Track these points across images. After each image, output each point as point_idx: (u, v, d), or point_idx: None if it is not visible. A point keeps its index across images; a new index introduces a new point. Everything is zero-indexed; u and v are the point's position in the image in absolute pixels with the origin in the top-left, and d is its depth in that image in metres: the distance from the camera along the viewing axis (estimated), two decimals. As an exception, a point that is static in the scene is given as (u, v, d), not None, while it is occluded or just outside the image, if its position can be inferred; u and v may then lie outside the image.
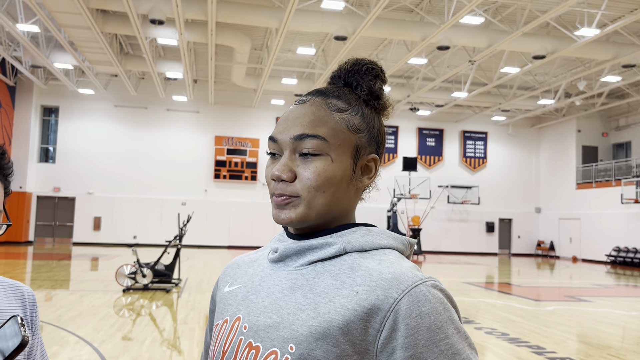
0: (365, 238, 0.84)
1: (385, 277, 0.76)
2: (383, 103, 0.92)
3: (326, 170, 0.83)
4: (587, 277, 16.63)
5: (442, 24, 14.25)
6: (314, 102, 0.87)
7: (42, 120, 24.08)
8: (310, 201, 0.83)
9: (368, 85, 0.90)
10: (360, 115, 0.87)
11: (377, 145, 0.90)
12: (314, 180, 0.82)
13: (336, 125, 0.85)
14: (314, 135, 0.83)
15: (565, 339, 7.02)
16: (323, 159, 0.83)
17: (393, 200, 23.57)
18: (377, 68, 0.91)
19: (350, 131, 0.85)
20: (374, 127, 0.89)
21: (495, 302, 10.28)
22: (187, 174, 24.46)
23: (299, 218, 0.83)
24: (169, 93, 23.92)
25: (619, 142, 26.00)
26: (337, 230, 0.86)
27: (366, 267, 0.79)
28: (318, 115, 0.85)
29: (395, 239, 0.86)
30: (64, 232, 23.66)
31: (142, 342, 6.09)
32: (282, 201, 0.84)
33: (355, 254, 0.82)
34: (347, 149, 0.85)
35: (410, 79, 22.39)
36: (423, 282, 0.76)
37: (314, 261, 0.83)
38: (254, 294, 0.86)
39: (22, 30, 15.52)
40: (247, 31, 17.39)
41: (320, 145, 0.83)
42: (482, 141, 27.84)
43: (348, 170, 0.85)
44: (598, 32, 14.48)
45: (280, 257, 0.86)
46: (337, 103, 0.87)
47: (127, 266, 10.10)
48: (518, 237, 27.88)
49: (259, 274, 0.90)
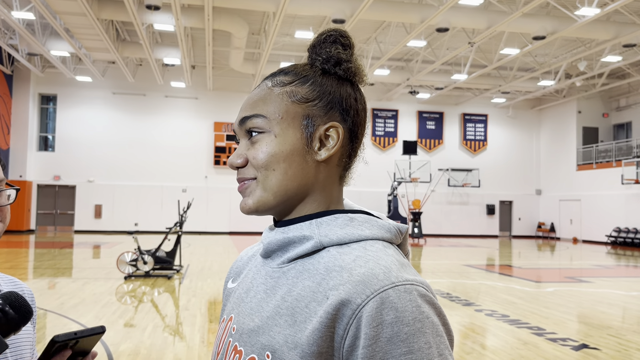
0: (345, 229, 0.78)
1: (354, 280, 0.69)
2: (346, 68, 0.83)
3: (269, 146, 0.79)
4: (588, 258, 16.68)
5: (441, 5, 14.11)
6: (261, 85, 0.84)
7: (41, 109, 24.00)
8: (264, 182, 0.79)
9: (325, 52, 0.83)
10: (310, 84, 0.81)
11: (345, 113, 0.82)
12: (260, 160, 0.79)
13: (276, 99, 0.80)
14: (253, 115, 0.80)
15: (565, 320, 7.05)
16: (265, 136, 0.79)
17: (393, 184, 23.56)
18: (335, 34, 0.83)
19: (295, 102, 0.80)
20: (330, 93, 0.81)
21: (496, 285, 10.32)
22: (187, 160, 24.43)
23: (257, 204, 0.80)
24: (167, 79, 23.80)
25: (619, 123, 25.91)
26: (318, 216, 0.80)
27: (339, 267, 0.73)
28: (261, 95, 0.82)
29: (381, 228, 0.79)
30: (65, 220, 23.71)
31: (144, 329, 6.12)
32: (240, 188, 0.82)
33: (334, 249, 0.76)
34: (294, 120, 0.79)
35: (410, 62, 22.24)
36: (395, 285, 0.68)
37: (294, 258, 0.79)
38: (245, 293, 0.84)
39: (18, 18, 15.38)
40: (244, 15, 17.24)
41: (260, 123, 0.79)
42: (482, 124, 27.75)
43: (298, 143, 0.79)
44: (598, 11, 14.34)
45: (266, 252, 0.84)
46: (282, 78, 0.82)
47: (128, 253, 10.13)
48: (519, 219, 27.92)
49: (252, 270, 0.88)
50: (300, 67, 0.84)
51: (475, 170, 27.17)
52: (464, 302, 8.26)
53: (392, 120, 26.74)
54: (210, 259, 13.98)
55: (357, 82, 0.85)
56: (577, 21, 15.11)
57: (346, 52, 0.83)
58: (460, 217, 27.18)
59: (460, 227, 27.09)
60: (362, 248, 0.75)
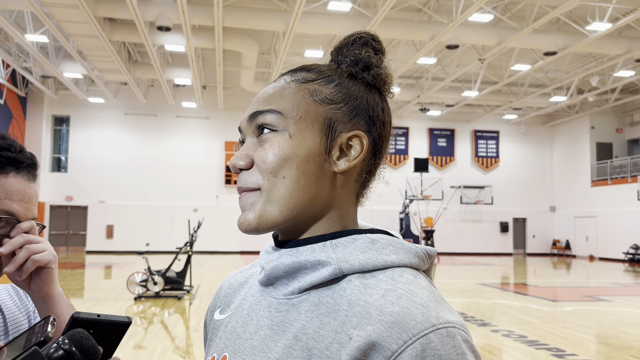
0: (367, 254, 0.66)
1: (387, 320, 0.59)
2: (375, 74, 0.73)
3: (282, 148, 0.67)
4: (605, 276, 16.34)
5: (450, 22, 14.11)
6: (279, 80, 0.73)
7: (54, 130, 24.24)
8: (270, 192, 0.67)
9: (353, 55, 0.73)
10: (336, 85, 0.71)
11: (371, 123, 0.72)
12: (269, 163, 0.67)
13: (296, 94, 0.70)
14: (267, 110, 0.69)
15: (586, 341, 6.84)
16: (279, 134, 0.68)
17: (405, 202, 23.39)
18: (366, 36, 0.74)
19: (317, 102, 0.69)
20: (357, 98, 0.71)
21: (512, 304, 10.09)
22: (198, 180, 24.48)
23: (259, 219, 0.68)
24: (178, 100, 23.98)
25: (633, 138, 25.61)
26: (332, 237, 0.69)
27: (365, 302, 0.61)
28: (278, 90, 0.71)
29: (408, 252, 0.67)
30: (77, 240, 23.77)
31: (152, 351, 6.01)
32: (241, 200, 0.70)
33: (357, 279, 0.64)
34: (313, 122, 0.69)
35: (420, 79, 22.23)
36: (436, 328, 0.58)
37: (307, 288, 0.66)
38: (242, 327, 0.71)
39: (31, 41, 15.61)
40: (255, 35, 17.36)
41: (274, 119, 0.68)
42: (494, 140, 27.57)
43: (315, 148, 0.68)
44: (610, 26, 14.25)
45: (269, 279, 0.70)
46: (304, 75, 0.72)
47: (139, 274, 10.06)
48: (533, 237, 27.54)
49: (249, 299, 0.74)
50: (324, 66, 0.75)
51: (488, 187, 26.92)
52: (479, 322, 8.06)
53: (403, 137, 26.66)
54: (221, 279, 13.87)
55: (385, 91, 0.76)
56: (588, 36, 15.02)
57: (377, 57, 0.74)
58: (474, 234, 26.87)
59: (474, 245, 26.76)
60: (390, 279, 0.64)
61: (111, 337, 0.71)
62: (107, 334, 0.71)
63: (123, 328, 0.71)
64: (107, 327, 0.70)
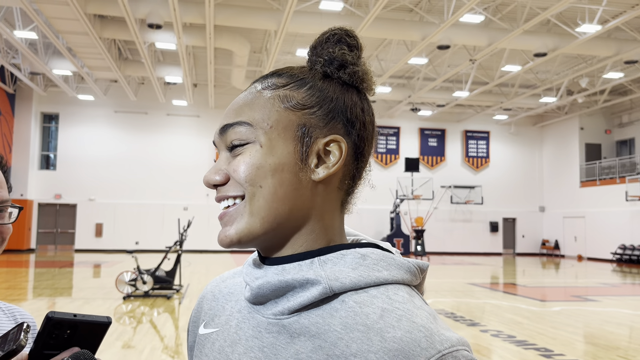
0: (358, 270, 0.63)
1: (389, 348, 0.56)
2: (351, 72, 0.69)
3: (253, 157, 0.64)
4: (593, 276, 16.47)
5: (441, 23, 14.15)
6: (249, 89, 0.70)
7: (42, 127, 24.04)
8: (251, 201, 0.64)
9: (327, 53, 0.69)
10: (308, 89, 0.67)
11: (349, 125, 0.68)
12: (241, 172, 0.64)
13: (266, 104, 0.66)
14: (236, 122, 0.66)
15: (573, 340, 6.89)
16: (250, 146, 0.65)
17: (396, 202, 23.44)
18: (339, 32, 0.69)
19: (290, 109, 0.66)
20: (331, 100, 0.67)
21: (501, 304, 10.15)
22: (189, 178, 24.37)
23: (241, 233, 0.65)
24: (168, 98, 23.86)
25: (622, 139, 25.83)
26: (320, 253, 0.65)
27: (364, 326, 0.58)
28: (247, 100, 0.68)
29: (400, 268, 0.65)
30: (65, 239, 23.59)
31: (141, 351, 5.98)
32: (223, 214, 0.67)
33: (350, 298, 0.62)
34: (285, 130, 0.65)
35: (411, 79, 22.28)
36: (441, 355, 0.56)
37: (297, 308, 0.63)
38: (230, 347, 0.67)
39: (20, 37, 15.46)
40: (246, 34, 17.30)
41: (244, 132, 0.65)
42: (484, 140, 27.70)
43: (289, 156, 0.65)
44: (599, 28, 14.35)
45: (255, 298, 0.67)
46: (274, 81, 0.68)
47: (128, 273, 10.00)
48: (522, 237, 27.71)
49: (236, 315, 0.70)
50: (296, 69, 0.70)
51: (478, 187, 27.05)
52: (468, 322, 8.09)
53: (394, 137, 26.71)
54: (211, 278, 13.81)
55: (365, 89, 0.71)
56: (578, 38, 15.12)
57: (352, 54, 0.69)
58: (464, 234, 26.99)
59: (464, 244, 26.88)
60: (385, 297, 0.61)
61: (90, 338, 0.69)
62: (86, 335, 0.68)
63: (102, 328, 0.69)
64: (85, 328, 0.67)
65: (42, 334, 0.66)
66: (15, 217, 1.07)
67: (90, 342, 0.69)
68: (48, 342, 0.67)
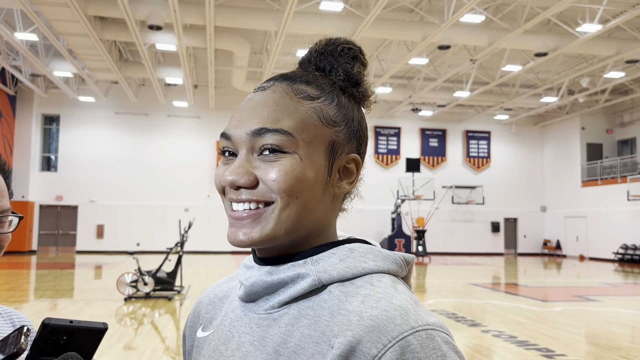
0: (345, 262, 0.66)
1: (365, 324, 0.58)
2: (363, 91, 0.73)
3: (294, 169, 0.64)
4: (595, 276, 16.44)
5: (442, 23, 14.14)
6: (277, 89, 0.69)
7: (43, 129, 24.06)
8: (283, 210, 0.65)
9: (345, 69, 0.72)
10: (336, 105, 0.69)
11: (359, 143, 0.72)
12: (283, 182, 0.64)
13: (305, 116, 0.67)
14: (276, 129, 0.65)
15: (575, 341, 6.87)
16: (289, 157, 0.65)
17: (397, 202, 23.42)
18: (355, 48, 0.73)
19: (324, 124, 0.68)
20: (353, 119, 0.71)
21: (502, 304, 10.13)
22: (189, 179, 24.39)
23: (263, 237, 0.65)
24: (169, 99, 23.87)
25: (623, 139, 25.80)
26: (313, 253, 0.68)
27: (346, 310, 0.61)
28: (282, 104, 0.67)
29: (386, 259, 0.68)
30: (67, 240, 23.60)
31: (142, 352, 5.97)
32: (246, 215, 0.66)
33: (336, 288, 0.64)
34: (320, 145, 0.67)
35: (412, 80, 22.27)
36: (415, 331, 0.57)
37: (287, 301, 0.66)
38: (224, 344, 0.70)
39: (21, 39, 15.48)
40: (246, 35, 17.31)
41: (284, 141, 0.65)
42: (485, 141, 27.68)
43: (322, 172, 0.67)
44: (600, 27, 14.34)
45: (249, 296, 0.69)
46: (306, 89, 0.69)
47: (129, 274, 10.00)
48: (524, 237, 27.68)
49: (230, 315, 0.73)
50: (320, 78, 0.71)
51: (479, 188, 27.03)
52: (470, 322, 8.08)
53: (395, 137, 26.70)
54: (212, 279, 13.82)
55: (365, 106, 0.75)
56: (578, 38, 15.11)
57: (364, 73, 0.74)
58: (465, 234, 26.97)
59: (465, 244, 26.86)
60: (368, 284, 0.63)
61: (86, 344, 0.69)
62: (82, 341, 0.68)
63: (98, 334, 0.69)
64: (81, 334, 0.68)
65: (39, 340, 0.66)
66: (15, 225, 1.08)
67: (87, 348, 0.69)
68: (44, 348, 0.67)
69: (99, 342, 0.70)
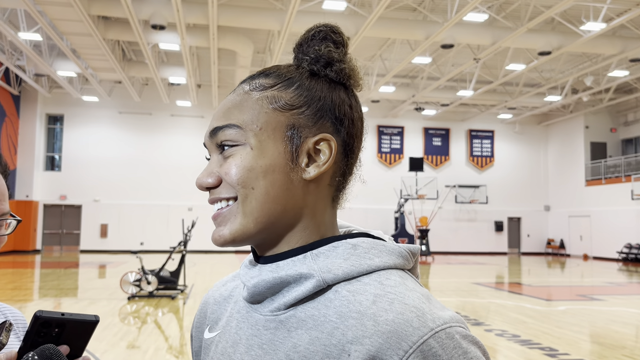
0: (350, 260, 0.64)
1: (383, 331, 0.57)
2: (338, 69, 0.69)
3: (244, 159, 0.65)
4: (599, 275, 16.39)
5: (445, 22, 14.11)
6: (237, 90, 0.70)
7: (47, 129, 24.13)
8: (243, 203, 0.65)
9: (313, 52, 0.70)
10: (296, 88, 0.68)
11: (338, 123, 0.68)
12: (234, 175, 0.65)
13: (254, 105, 0.67)
14: (225, 125, 0.66)
15: (578, 340, 6.85)
16: (240, 148, 0.66)
17: (400, 201, 23.39)
18: (324, 29, 0.70)
19: (278, 110, 0.66)
20: (319, 99, 0.68)
21: (506, 303, 10.11)
22: (193, 179, 24.28)
23: (235, 233, 0.66)
24: (172, 98, 23.91)
25: (627, 138, 25.71)
26: (312, 247, 0.66)
27: (357, 312, 0.59)
28: (235, 101, 0.68)
29: (391, 253, 0.66)
30: (71, 240, 23.67)
31: (145, 351, 5.98)
32: (217, 215, 0.68)
33: (343, 288, 0.63)
34: (275, 131, 0.66)
35: (415, 79, 22.23)
36: (434, 332, 0.56)
37: (293, 303, 0.64)
38: (232, 347, 0.69)
39: (25, 39, 15.53)
40: (249, 34, 17.32)
41: (233, 134, 0.66)
42: (488, 140, 27.62)
43: (280, 157, 0.65)
44: (604, 26, 14.28)
45: (252, 296, 0.68)
46: (262, 81, 0.69)
47: (132, 273, 10.02)
48: (527, 236, 27.62)
49: (235, 316, 0.72)
50: (284, 68, 0.71)
51: (483, 187, 26.98)
52: (473, 321, 8.07)
53: (398, 137, 26.67)
54: (215, 278, 13.84)
55: (352, 86, 0.71)
56: (582, 36, 15.06)
57: (338, 51, 0.70)
58: (468, 234, 26.92)
59: (469, 244, 26.81)
60: (377, 283, 0.62)
61: (78, 336, 0.70)
62: (74, 333, 0.69)
63: (90, 327, 0.70)
64: (72, 326, 0.69)
65: (31, 332, 0.67)
66: (12, 228, 1.07)
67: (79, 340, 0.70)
68: (36, 340, 0.67)
69: (91, 335, 0.71)
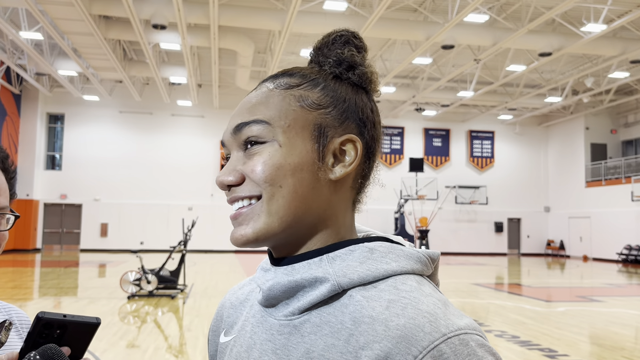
0: (366, 264, 0.62)
1: (393, 336, 0.55)
2: (360, 73, 0.70)
3: (273, 157, 0.63)
4: (599, 277, 16.40)
5: (446, 22, 14.12)
6: (261, 87, 0.70)
7: (48, 128, 24.15)
8: (270, 201, 0.63)
9: (336, 55, 0.70)
10: (322, 89, 0.68)
11: (362, 125, 0.69)
12: (261, 172, 0.63)
13: (282, 102, 0.66)
14: (252, 120, 0.65)
15: (578, 341, 6.86)
16: (268, 145, 0.64)
17: (400, 202, 23.40)
18: (347, 34, 0.71)
19: (305, 108, 0.66)
20: (344, 100, 0.68)
21: (505, 304, 10.12)
22: (193, 178, 24.43)
23: (257, 232, 0.64)
24: (173, 98, 23.92)
25: (628, 139, 25.71)
26: (329, 250, 0.65)
27: (370, 317, 0.58)
28: (260, 98, 0.67)
29: (409, 258, 0.64)
30: (71, 239, 23.68)
31: (145, 350, 5.99)
32: (237, 214, 0.66)
33: (358, 293, 0.61)
34: (303, 129, 0.65)
35: (415, 79, 22.24)
36: (446, 338, 0.54)
37: (307, 307, 0.63)
38: (246, 352, 0.68)
39: (26, 38, 15.54)
40: (250, 34, 17.33)
41: (261, 130, 0.65)
42: (489, 140, 27.63)
43: (308, 156, 0.65)
44: (605, 27, 14.29)
45: (267, 300, 0.67)
46: (286, 80, 0.68)
47: (132, 273, 10.03)
48: (527, 237, 27.62)
49: (250, 321, 0.71)
50: (307, 69, 0.71)
51: (483, 188, 26.99)
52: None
53: (398, 137, 26.68)
54: (215, 277, 13.85)
55: (372, 90, 0.72)
56: (583, 37, 15.06)
57: (360, 55, 0.71)
58: (468, 234, 26.93)
59: (468, 244, 26.82)
60: (392, 288, 0.60)
61: (80, 338, 0.70)
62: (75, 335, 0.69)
63: (92, 328, 0.70)
64: (74, 328, 0.69)
65: (33, 333, 0.67)
66: (12, 223, 1.07)
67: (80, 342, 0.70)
68: (38, 341, 0.68)
69: (92, 336, 0.71)
